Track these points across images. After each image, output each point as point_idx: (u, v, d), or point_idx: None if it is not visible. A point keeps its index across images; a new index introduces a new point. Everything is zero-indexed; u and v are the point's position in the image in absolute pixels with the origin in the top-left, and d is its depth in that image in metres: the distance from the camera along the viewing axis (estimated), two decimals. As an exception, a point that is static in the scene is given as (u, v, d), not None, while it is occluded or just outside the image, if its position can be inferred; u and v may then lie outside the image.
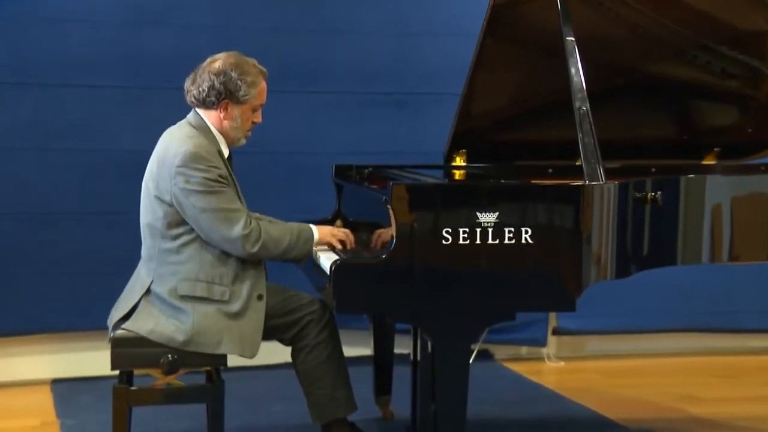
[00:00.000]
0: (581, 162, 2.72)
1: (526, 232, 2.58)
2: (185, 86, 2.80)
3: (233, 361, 2.77)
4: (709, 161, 3.55)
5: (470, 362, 2.65)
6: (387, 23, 4.34)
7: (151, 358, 2.69)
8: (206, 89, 2.74)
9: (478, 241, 2.55)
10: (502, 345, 4.54)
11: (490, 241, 2.56)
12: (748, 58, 3.30)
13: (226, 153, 2.80)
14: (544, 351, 4.61)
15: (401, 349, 3.56)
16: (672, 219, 2.87)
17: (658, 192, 2.80)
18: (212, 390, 2.75)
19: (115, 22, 4.06)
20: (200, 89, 2.75)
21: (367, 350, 3.57)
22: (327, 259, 2.68)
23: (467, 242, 2.55)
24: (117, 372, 2.77)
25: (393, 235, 2.55)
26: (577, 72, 2.78)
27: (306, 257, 2.80)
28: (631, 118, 3.41)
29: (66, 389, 3.99)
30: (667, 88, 3.40)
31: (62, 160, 4.04)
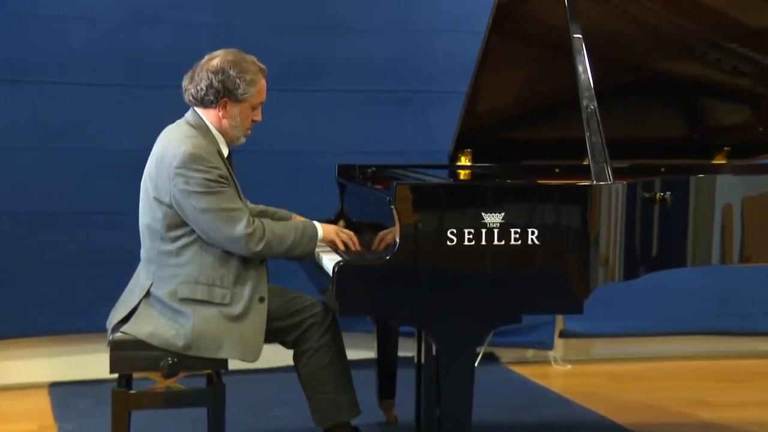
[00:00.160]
0: (589, 161, 2.72)
1: (533, 233, 2.58)
2: (183, 85, 2.80)
3: (234, 365, 2.77)
4: (720, 161, 3.55)
5: (475, 365, 2.65)
6: (391, 19, 4.34)
7: (151, 361, 2.69)
8: (204, 88, 2.74)
9: (484, 242, 2.55)
10: (508, 348, 4.54)
11: (496, 242, 2.56)
12: (760, 56, 3.30)
13: (226, 152, 2.80)
14: (551, 354, 4.61)
15: (405, 352, 3.56)
16: (681, 220, 2.87)
17: (668, 192, 2.80)
18: (213, 394, 2.75)
19: (115, 20, 4.07)
20: (198, 88, 2.75)
21: (371, 353, 3.58)
22: (330, 261, 2.68)
23: (472, 243, 2.55)
24: (116, 375, 2.77)
25: (397, 236, 2.55)
26: (585, 70, 2.78)
27: (310, 255, 2.80)
28: (640, 117, 3.41)
29: (64, 393, 3.99)
30: (677, 86, 3.40)
31: (61, 160, 4.05)
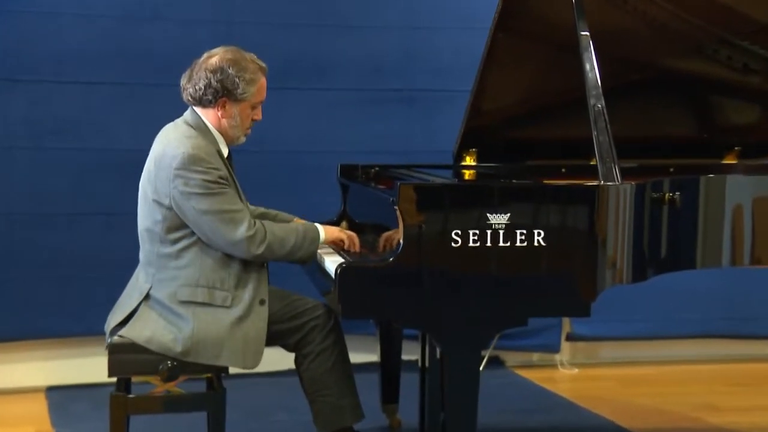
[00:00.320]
0: (596, 161, 2.72)
1: (539, 234, 2.58)
2: (181, 83, 2.79)
3: (235, 368, 2.77)
4: (730, 160, 3.55)
5: (481, 369, 2.65)
6: (394, 16, 4.34)
7: (150, 365, 2.69)
8: (203, 87, 2.73)
9: (489, 244, 2.55)
10: (514, 351, 4.54)
11: (501, 244, 2.56)
12: (771, 53, 3.30)
13: (226, 152, 2.80)
14: (558, 358, 4.60)
15: (409, 356, 3.56)
16: (691, 221, 2.87)
17: (677, 192, 2.80)
18: (213, 398, 2.75)
19: (113, 17, 4.07)
20: (197, 87, 2.74)
21: (374, 357, 3.58)
22: (332, 263, 2.68)
23: (477, 244, 2.55)
24: (114, 379, 2.77)
25: (400, 238, 2.55)
26: (592, 68, 2.79)
27: (312, 258, 2.81)
28: (648, 116, 3.41)
29: (61, 397, 4.00)
30: (686, 85, 3.40)
31: (57, 160, 4.05)
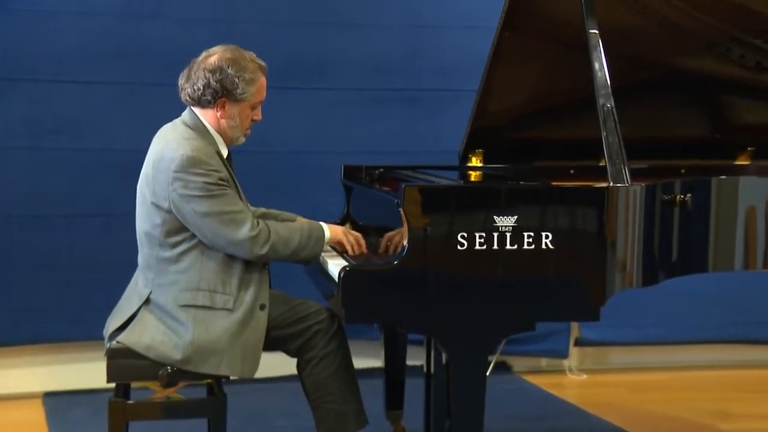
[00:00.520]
0: (605, 162, 2.71)
1: (547, 237, 2.58)
2: (179, 83, 2.78)
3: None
4: (743, 161, 3.55)
5: (487, 375, 2.64)
6: (398, 14, 4.34)
7: (149, 371, 2.69)
8: (201, 88, 2.73)
9: (496, 247, 2.55)
10: (521, 357, 4.54)
11: (509, 247, 2.56)
12: (785, 52, 3.30)
13: (225, 153, 2.80)
14: (566, 363, 4.60)
15: (414, 361, 3.56)
16: (703, 223, 2.87)
17: (688, 194, 2.80)
18: (214, 404, 2.75)
19: (112, 15, 4.08)
20: (195, 88, 2.74)
21: (378, 362, 3.57)
22: (336, 266, 2.68)
23: (484, 248, 2.55)
24: (113, 385, 2.77)
25: (405, 240, 2.55)
26: (601, 67, 2.78)
27: (317, 258, 2.81)
28: (659, 116, 3.41)
29: (59, 403, 4.00)
30: (698, 84, 3.40)
31: (55, 160, 4.06)
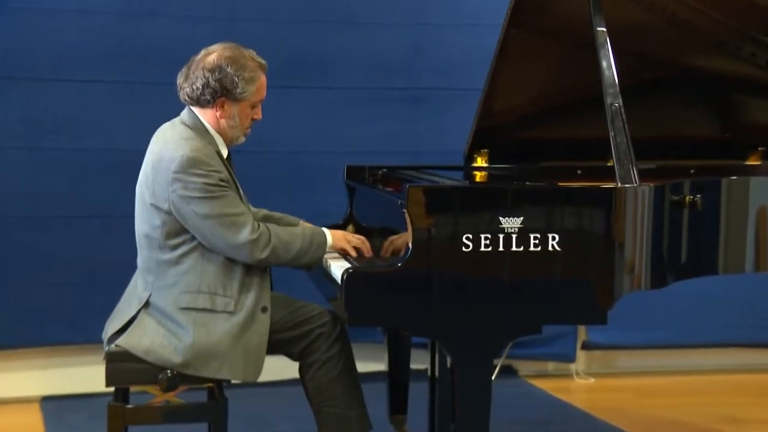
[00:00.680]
0: (613, 162, 2.71)
1: (554, 239, 2.57)
2: (178, 82, 2.78)
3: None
4: (754, 161, 3.54)
5: (493, 379, 2.64)
6: (402, 12, 4.34)
7: (149, 374, 2.69)
8: (200, 87, 2.72)
9: (501, 248, 2.55)
10: (528, 360, 4.53)
11: (514, 248, 2.55)
12: (798, 50, 3.29)
13: (225, 153, 2.79)
14: (573, 367, 4.60)
15: (418, 365, 3.55)
16: (712, 224, 2.86)
17: (698, 195, 2.79)
18: (214, 408, 2.75)
19: (111, 13, 4.08)
20: (194, 87, 2.73)
21: (382, 365, 3.57)
22: (338, 268, 2.68)
23: (489, 249, 2.54)
24: (112, 389, 2.77)
25: (409, 242, 2.55)
26: (609, 65, 2.78)
27: (318, 264, 2.80)
28: (668, 115, 3.40)
29: (57, 407, 4.00)
30: (708, 83, 3.39)
31: (54, 160, 4.06)
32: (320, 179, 4.10)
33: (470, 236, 2.53)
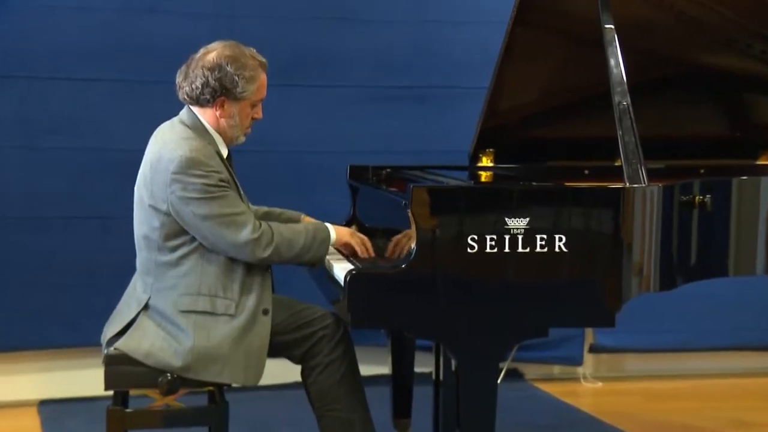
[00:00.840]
0: (621, 162, 2.71)
1: (560, 240, 2.57)
2: (177, 81, 2.77)
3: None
4: (765, 161, 3.53)
5: (498, 382, 2.64)
6: (405, 9, 4.34)
7: (149, 378, 2.69)
8: (200, 86, 2.72)
9: (507, 249, 2.54)
10: (534, 364, 4.52)
11: (520, 249, 2.55)
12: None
13: (225, 153, 2.79)
14: (580, 370, 4.59)
15: (422, 368, 3.55)
16: (723, 225, 2.86)
17: (708, 195, 2.79)
18: (215, 412, 2.75)
19: (111, 10, 4.09)
20: (193, 86, 2.73)
21: (385, 369, 3.57)
22: (341, 269, 2.68)
23: (495, 250, 2.54)
24: (111, 392, 2.77)
25: (413, 243, 2.54)
26: (617, 63, 2.77)
27: (322, 260, 2.80)
28: (677, 114, 3.40)
29: (55, 411, 4.00)
30: (718, 81, 3.39)
31: (52, 160, 4.06)
32: (321, 179, 4.09)
33: (475, 237, 2.53)
